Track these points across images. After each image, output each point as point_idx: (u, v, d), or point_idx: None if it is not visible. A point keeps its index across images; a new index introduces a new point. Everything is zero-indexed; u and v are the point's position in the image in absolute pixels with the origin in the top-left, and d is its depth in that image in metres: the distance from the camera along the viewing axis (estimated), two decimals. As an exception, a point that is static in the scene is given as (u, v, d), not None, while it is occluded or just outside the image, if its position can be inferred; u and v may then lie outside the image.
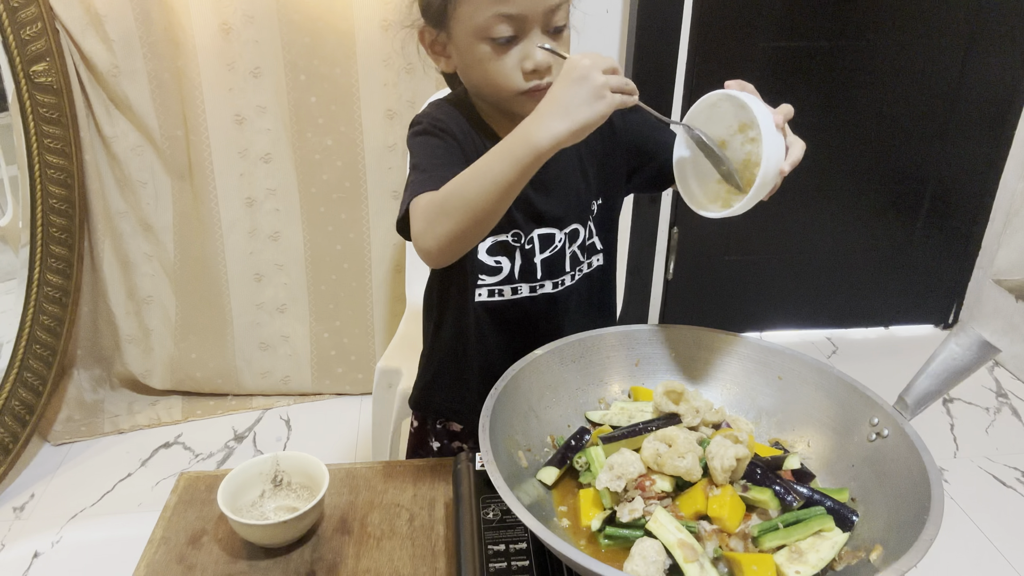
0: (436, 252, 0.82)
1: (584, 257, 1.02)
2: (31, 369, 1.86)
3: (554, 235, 0.98)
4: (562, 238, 0.98)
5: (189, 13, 1.76)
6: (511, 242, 0.97)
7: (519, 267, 0.98)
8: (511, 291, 0.99)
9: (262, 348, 2.14)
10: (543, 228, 0.97)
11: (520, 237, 0.97)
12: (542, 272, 0.99)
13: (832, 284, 2.46)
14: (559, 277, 1.00)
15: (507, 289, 0.99)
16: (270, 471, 0.93)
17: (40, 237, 1.80)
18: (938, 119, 2.23)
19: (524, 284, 0.99)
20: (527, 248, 0.97)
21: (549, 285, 1.00)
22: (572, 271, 1.01)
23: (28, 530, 1.71)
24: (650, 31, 1.91)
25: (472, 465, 0.89)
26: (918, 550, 0.63)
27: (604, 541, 0.73)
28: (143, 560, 0.86)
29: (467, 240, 0.82)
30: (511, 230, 0.96)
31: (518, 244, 0.97)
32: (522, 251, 0.98)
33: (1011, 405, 2.16)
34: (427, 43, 0.93)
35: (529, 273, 0.99)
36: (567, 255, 1.00)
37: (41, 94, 1.72)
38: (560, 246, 0.99)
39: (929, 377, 0.78)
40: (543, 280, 1.00)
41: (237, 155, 1.92)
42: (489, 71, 0.87)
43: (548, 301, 1.01)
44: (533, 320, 1.02)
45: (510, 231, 0.96)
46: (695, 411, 0.84)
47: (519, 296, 1.00)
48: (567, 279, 1.01)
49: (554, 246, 0.98)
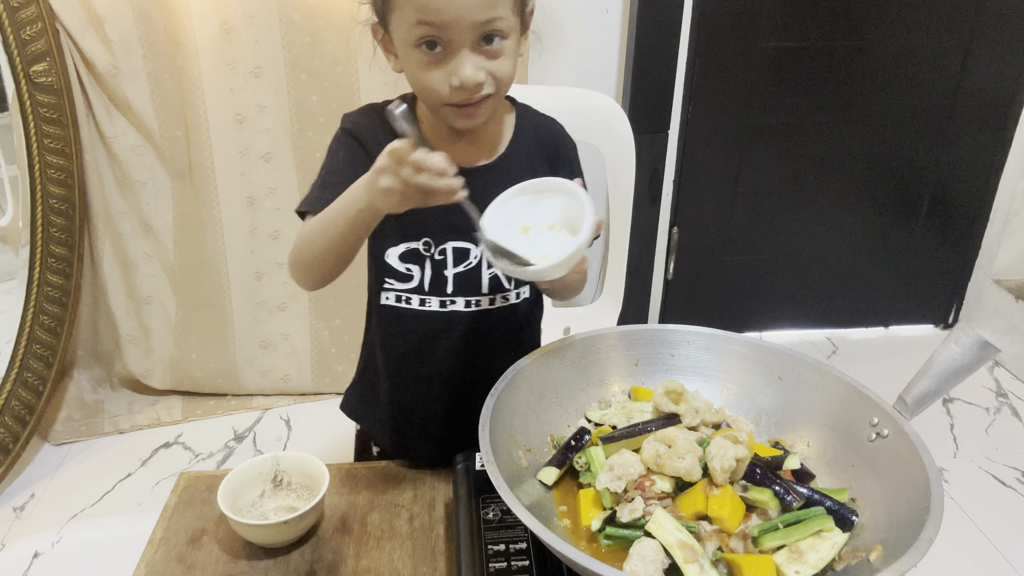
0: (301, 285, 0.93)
1: (509, 284, 0.97)
2: (31, 369, 1.86)
3: (469, 250, 0.93)
4: (477, 254, 0.94)
5: (189, 13, 1.76)
6: (422, 251, 0.93)
7: (429, 278, 0.94)
8: (419, 302, 0.95)
9: (262, 347, 2.14)
10: (457, 241, 0.93)
11: (431, 247, 0.93)
12: (453, 287, 0.94)
13: (832, 284, 2.46)
14: (473, 296, 0.95)
15: (415, 299, 0.95)
16: (270, 471, 0.93)
17: (40, 237, 1.80)
18: (938, 119, 2.23)
19: (434, 297, 0.95)
20: (438, 259, 0.93)
21: (461, 303, 0.95)
22: (492, 295, 0.96)
23: (28, 530, 1.71)
24: (650, 31, 1.91)
25: (472, 465, 0.89)
26: (918, 550, 0.63)
27: (604, 541, 0.73)
28: (143, 560, 0.86)
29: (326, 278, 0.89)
30: (423, 238, 0.93)
31: (428, 254, 0.93)
32: (432, 261, 0.94)
33: (1011, 405, 2.16)
34: (379, 40, 0.90)
35: (439, 287, 0.94)
36: (484, 275, 0.95)
37: (41, 94, 1.72)
38: (475, 263, 0.94)
39: (929, 377, 0.78)
40: (454, 296, 0.95)
41: (238, 155, 1.92)
42: (419, 78, 0.85)
43: (460, 321, 0.96)
44: (440, 338, 0.97)
45: (421, 239, 0.93)
46: (695, 411, 0.84)
47: (428, 308, 0.95)
48: (484, 301, 0.96)
49: (468, 262, 0.94)
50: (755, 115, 2.17)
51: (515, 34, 0.86)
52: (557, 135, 1.00)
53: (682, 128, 2.13)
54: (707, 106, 2.12)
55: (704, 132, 2.16)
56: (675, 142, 2.14)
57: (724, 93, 2.11)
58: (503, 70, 0.85)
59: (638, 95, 1.98)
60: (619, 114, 1.58)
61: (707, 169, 2.22)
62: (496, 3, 0.80)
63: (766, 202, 2.31)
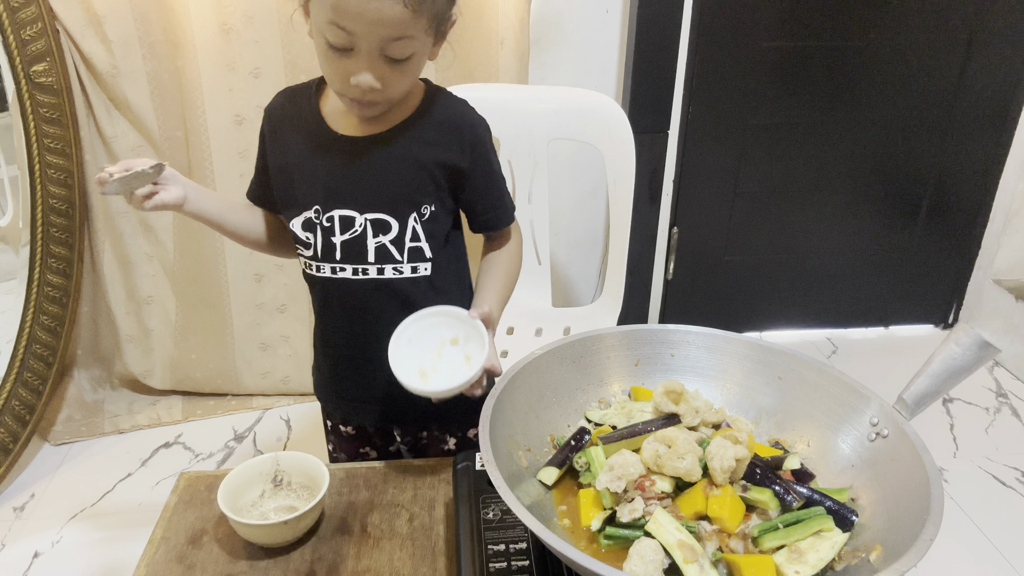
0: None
1: (400, 255, 0.99)
2: (31, 369, 1.86)
3: (354, 218, 0.97)
4: (362, 223, 0.97)
5: (189, 14, 1.76)
6: (313, 218, 0.98)
7: (320, 245, 0.99)
8: (316, 268, 1.01)
9: (262, 348, 2.14)
10: (343, 209, 0.97)
11: (319, 214, 0.98)
12: (341, 254, 0.98)
13: (832, 284, 2.46)
14: (360, 264, 0.99)
15: (314, 265, 1.01)
16: (270, 471, 0.93)
17: (40, 237, 1.80)
18: (938, 119, 2.23)
19: (326, 264, 1.00)
20: (326, 226, 0.98)
21: (349, 270, 0.99)
22: (378, 263, 0.99)
23: (28, 530, 1.71)
24: (650, 31, 1.91)
25: (472, 465, 0.89)
26: (918, 550, 0.63)
27: (604, 541, 0.73)
28: (143, 560, 0.86)
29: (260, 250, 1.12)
30: (313, 206, 0.98)
31: (318, 221, 0.98)
32: (322, 228, 0.98)
33: (1011, 405, 2.16)
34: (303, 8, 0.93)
35: (329, 253, 0.99)
36: (370, 243, 0.98)
37: (41, 94, 1.72)
38: (360, 231, 0.97)
39: (929, 377, 0.78)
40: (343, 263, 0.99)
41: (237, 155, 1.92)
42: (325, 68, 0.90)
43: (348, 289, 1.00)
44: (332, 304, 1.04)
45: (312, 207, 0.98)
46: (695, 411, 0.84)
47: (322, 275, 1.01)
48: (372, 270, 0.99)
49: (354, 230, 0.97)
50: (755, 115, 2.17)
51: (423, 49, 0.89)
52: (462, 118, 0.99)
53: (682, 128, 2.13)
54: (707, 106, 2.12)
55: (704, 132, 2.16)
56: (675, 142, 2.14)
57: (724, 93, 2.11)
58: (401, 82, 0.89)
59: (638, 95, 1.98)
60: (619, 114, 1.58)
61: (707, 169, 2.22)
62: (407, 25, 0.83)
63: (766, 202, 2.31)
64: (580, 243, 2.26)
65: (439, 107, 0.99)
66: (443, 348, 0.93)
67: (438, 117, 0.98)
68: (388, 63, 0.86)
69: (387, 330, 0.91)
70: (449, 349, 0.93)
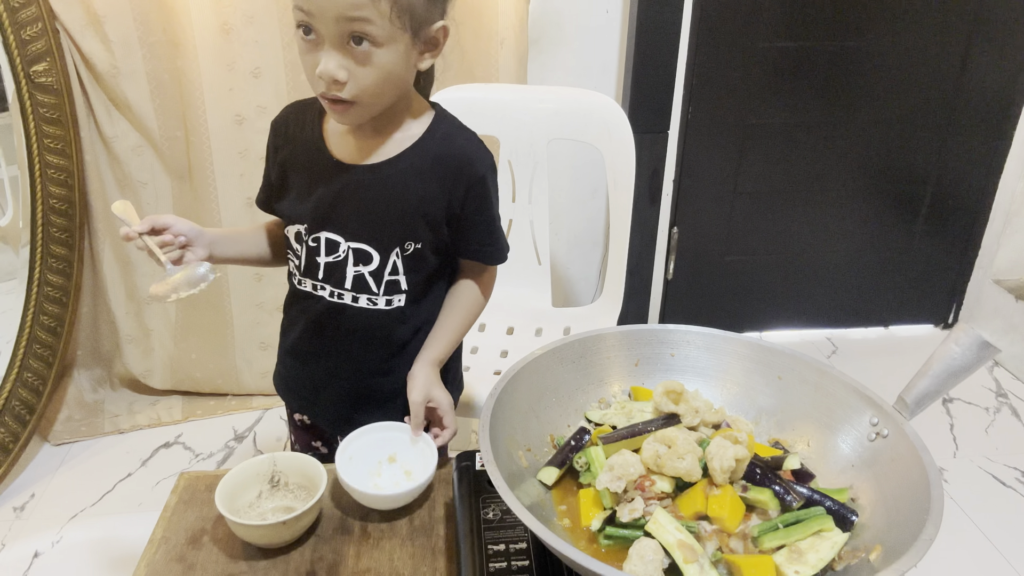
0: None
1: (377, 288, 0.98)
2: (31, 369, 1.86)
3: (339, 243, 0.97)
4: (346, 249, 0.97)
5: (189, 14, 1.76)
6: (303, 233, 0.99)
7: (304, 261, 1.01)
8: (298, 281, 1.03)
9: (262, 348, 2.14)
10: (330, 232, 0.97)
11: (307, 233, 0.99)
12: (323, 274, 1.00)
13: (832, 284, 2.46)
14: (338, 289, 0.99)
15: (297, 277, 1.03)
16: (267, 471, 0.93)
17: (40, 237, 1.80)
18: (938, 119, 2.23)
19: (307, 279, 1.02)
20: (312, 246, 0.99)
21: (327, 291, 1.00)
22: (354, 291, 0.99)
23: (28, 530, 1.71)
24: (650, 31, 1.91)
25: (472, 465, 0.89)
26: (918, 550, 0.63)
27: (604, 541, 0.73)
28: (143, 560, 0.86)
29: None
30: (302, 223, 0.99)
31: (305, 239, 0.99)
32: (307, 247, 1.00)
33: (1011, 405, 2.16)
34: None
35: (312, 271, 1.00)
36: (349, 271, 0.98)
37: (41, 94, 1.72)
38: (343, 257, 0.98)
39: (929, 377, 0.78)
40: (324, 283, 1.00)
41: (237, 155, 1.92)
42: (301, 61, 0.89)
43: (324, 308, 1.01)
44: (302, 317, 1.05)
45: (302, 224, 0.99)
46: (695, 411, 0.84)
47: (304, 289, 1.02)
48: (347, 296, 0.99)
49: (337, 254, 0.98)
50: (755, 115, 2.17)
51: (396, 47, 0.85)
52: (464, 155, 0.96)
53: (682, 128, 2.13)
54: (707, 106, 2.12)
55: (704, 132, 2.16)
56: (675, 142, 2.14)
57: (724, 93, 2.11)
58: (366, 80, 0.86)
59: (638, 95, 1.98)
60: (619, 114, 1.58)
61: (707, 169, 2.22)
62: (361, 5, 0.81)
63: (766, 202, 2.31)
64: (580, 243, 2.26)
65: (441, 139, 0.96)
66: (381, 467, 0.96)
67: (439, 151, 0.95)
68: (352, 55, 0.84)
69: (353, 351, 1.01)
70: (387, 467, 0.96)
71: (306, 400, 1.14)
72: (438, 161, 0.95)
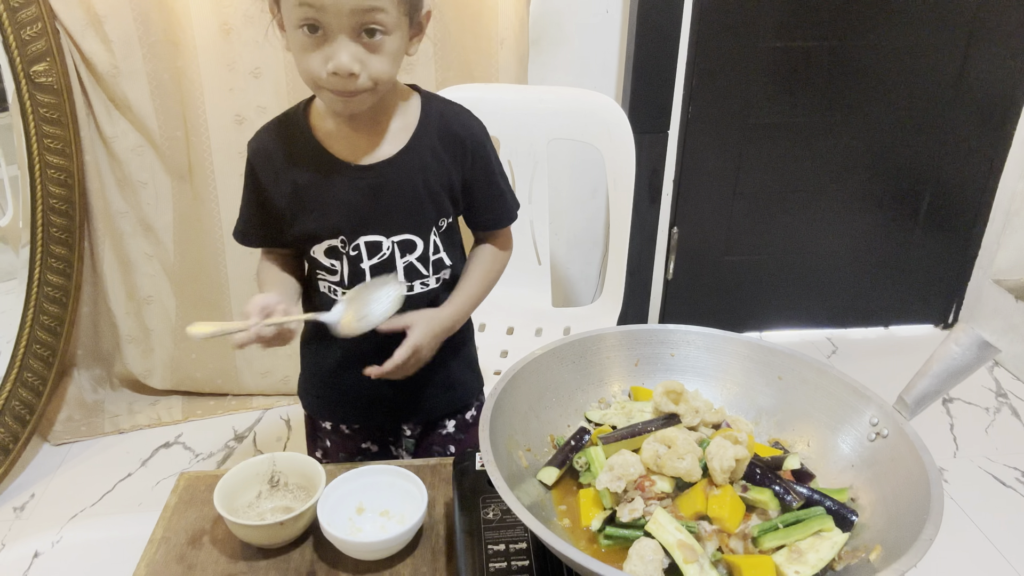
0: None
1: (426, 271, 1.01)
2: (31, 369, 1.86)
3: (381, 243, 0.97)
4: (390, 246, 0.97)
5: (189, 14, 1.76)
6: (339, 247, 0.97)
7: (347, 273, 0.99)
8: (342, 293, 1.00)
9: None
10: (369, 235, 0.97)
11: (346, 244, 0.97)
12: (371, 278, 0.98)
13: (832, 284, 2.46)
14: None
15: (339, 291, 1.00)
16: (266, 472, 0.93)
17: (40, 237, 1.80)
18: (938, 119, 2.23)
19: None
20: (352, 255, 0.97)
21: None
22: (408, 281, 1.00)
23: (28, 530, 1.71)
24: (650, 31, 1.91)
25: (472, 465, 0.89)
26: (918, 550, 0.63)
27: (604, 541, 0.73)
28: (143, 560, 0.86)
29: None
30: (339, 236, 0.97)
31: (344, 251, 0.97)
32: (348, 258, 0.98)
33: (1011, 405, 2.16)
34: (275, 17, 0.92)
35: (356, 279, 0.98)
36: (399, 264, 0.98)
37: (41, 94, 1.72)
38: (388, 254, 0.98)
39: (929, 377, 0.78)
40: None
41: (237, 155, 1.92)
42: (301, 60, 0.87)
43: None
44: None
45: (338, 236, 0.97)
46: (695, 411, 0.84)
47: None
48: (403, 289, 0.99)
49: (382, 253, 0.98)
50: (755, 115, 2.17)
51: (400, 33, 0.86)
52: (463, 126, 0.99)
53: (682, 128, 2.13)
54: (707, 106, 2.12)
55: (704, 132, 2.16)
56: (675, 142, 2.14)
57: (724, 93, 2.11)
58: (381, 67, 0.86)
59: (638, 95, 1.98)
60: (619, 114, 1.58)
61: (707, 169, 2.22)
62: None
63: (766, 202, 2.31)
64: (580, 243, 2.26)
65: (438, 119, 0.98)
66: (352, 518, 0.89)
67: (441, 130, 0.97)
68: (364, 45, 0.84)
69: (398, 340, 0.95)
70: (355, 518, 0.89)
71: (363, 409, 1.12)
72: (445, 138, 0.97)
